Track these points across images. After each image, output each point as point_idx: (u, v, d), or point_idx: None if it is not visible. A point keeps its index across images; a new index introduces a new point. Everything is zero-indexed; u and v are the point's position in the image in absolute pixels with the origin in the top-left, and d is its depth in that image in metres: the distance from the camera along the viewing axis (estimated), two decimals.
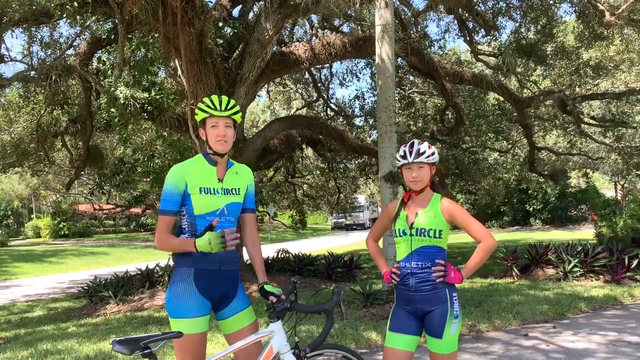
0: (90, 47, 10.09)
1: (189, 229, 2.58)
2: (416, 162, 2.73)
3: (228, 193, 2.62)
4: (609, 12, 9.73)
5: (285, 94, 19.03)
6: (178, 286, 2.53)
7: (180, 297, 2.50)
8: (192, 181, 2.55)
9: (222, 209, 2.58)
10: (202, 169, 2.61)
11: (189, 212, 2.57)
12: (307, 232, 35.40)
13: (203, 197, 2.55)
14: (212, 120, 2.57)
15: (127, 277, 9.70)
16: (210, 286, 2.55)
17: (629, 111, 14.82)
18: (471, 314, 6.23)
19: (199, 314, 2.50)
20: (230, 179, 2.67)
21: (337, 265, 10.59)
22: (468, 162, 14.94)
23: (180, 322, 2.47)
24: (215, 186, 2.59)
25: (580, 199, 29.44)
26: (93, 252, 23.35)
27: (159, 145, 12.33)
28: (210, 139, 2.58)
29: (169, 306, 2.52)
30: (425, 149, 2.74)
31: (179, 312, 2.49)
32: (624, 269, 8.36)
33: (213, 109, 2.55)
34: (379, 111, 7.44)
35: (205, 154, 2.67)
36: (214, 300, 2.59)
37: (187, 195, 2.55)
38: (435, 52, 13.01)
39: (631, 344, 4.99)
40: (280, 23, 8.66)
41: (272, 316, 2.50)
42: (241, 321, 2.64)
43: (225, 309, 2.63)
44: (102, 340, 5.85)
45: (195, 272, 2.53)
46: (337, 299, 2.54)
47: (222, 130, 2.57)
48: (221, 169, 2.65)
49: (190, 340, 2.47)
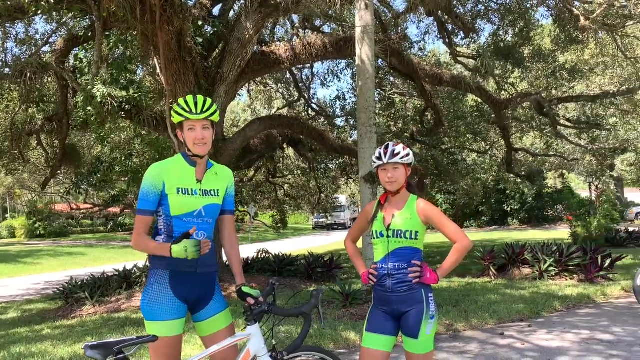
0: (67, 44, 9.91)
1: (165, 230, 2.54)
2: (391, 163, 2.76)
3: (206, 194, 2.59)
4: (584, 16, 9.94)
5: (266, 94, 18.99)
6: (153, 289, 2.49)
7: (156, 300, 2.46)
8: (170, 181, 2.51)
9: (199, 210, 2.55)
10: (181, 169, 2.57)
11: (165, 212, 2.53)
12: (288, 232, 35.33)
13: (180, 198, 2.51)
14: (189, 123, 2.52)
15: (104, 278, 9.55)
16: (186, 289, 2.52)
17: (603, 114, 15.17)
18: (449, 314, 6.30)
19: (174, 316, 2.46)
20: (210, 180, 2.63)
21: (318, 265, 10.60)
22: (447, 163, 15.13)
23: (156, 325, 2.44)
24: (193, 187, 2.55)
25: (556, 199, 29.99)
26: (70, 253, 22.94)
27: (137, 145, 12.20)
28: (189, 142, 2.54)
29: (144, 309, 2.49)
30: (400, 150, 2.76)
31: (154, 315, 2.45)
32: (597, 268, 8.55)
33: (189, 112, 2.49)
34: (359, 112, 7.47)
35: (184, 154, 2.62)
36: (190, 303, 2.56)
37: (165, 195, 2.51)
38: (415, 54, 13.12)
39: (603, 342, 5.11)
40: (260, 22, 8.64)
41: (249, 319, 2.49)
42: (218, 323, 2.62)
43: (202, 311, 2.61)
44: (77, 343, 5.76)
45: (171, 274, 2.50)
46: (315, 302, 2.54)
47: (200, 134, 2.52)
48: (200, 170, 2.61)
49: (165, 343, 2.44)
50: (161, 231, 2.56)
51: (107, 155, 12.39)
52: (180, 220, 2.51)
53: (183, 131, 2.55)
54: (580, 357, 4.63)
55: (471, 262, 10.66)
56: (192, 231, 2.40)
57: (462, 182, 17.89)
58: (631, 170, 31.24)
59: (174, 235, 2.51)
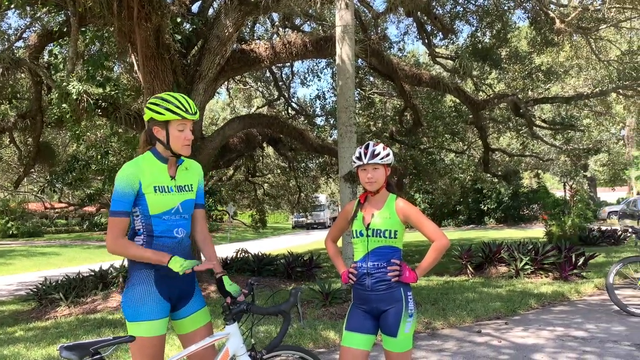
0: (41, 39, 9.70)
1: (144, 230, 2.49)
2: (371, 164, 2.76)
3: (182, 190, 2.56)
4: (559, 19, 10.13)
5: (246, 92, 18.89)
6: (137, 289, 2.45)
7: (140, 301, 2.43)
8: (146, 180, 2.46)
9: (177, 207, 2.52)
10: (154, 167, 2.52)
11: (143, 212, 2.48)
12: (267, 231, 35.19)
13: (158, 196, 2.47)
14: (181, 122, 2.47)
15: (80, 279, 9.37)
16: (170, 287, 2.50)
17: (577, 115, 15.49)
18: (427, 312, 6.36)
19: (159, 316, 2.44)
20: (182, 175, 2.60)
21: (297, 264, 10.58)
22: (425, 163, 15.26)
23: (141, 326, 2.40)
24: (169, 184, 2.52)
25: (531, 198, 30.51)
26: (43, 253, 22.44)
27: (113, 143, 12.00)
28: (176, 142, 2.48)
29: (128, 310, 2.43)
30: (380, 151, 2.77)
31: (139, 316, 2.41)
32: (571, 267, 8.73)
33: (184, 111, 2.44)
34: (339, 111, 7.49)
35: (154, 151, 2.55)
36: (172, 301, 2.55)
37: (141, 195, 2.46)
38: (394, 54, 13.20)
39: (577, 339, 5.22)
40: (240, 20, 8.58)
41: (228, 318, 2.48)
42: (197, 321, 2.61)
43: (182, 309, 2.59)
44: (51, 345, 5.64)
45: (156, 273, 2.46)
46: (295, 300, 2.54)
47: (189, 134, 2.51)
48: (172, 166, 2.58)
49: (151, 343, 2.41)
50: (140, 231, 2.51)
51: (82, 154, 12.15)
52: (160, 218, 2.48)
53: (168, 129, 2.47)
54: (555, 354, 4.72)
55: (449, 261, 10.77)
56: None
57: (440, 181, 18.08)
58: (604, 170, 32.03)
59: (154, 235, 2.48)
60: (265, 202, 21.81)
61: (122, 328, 6.44)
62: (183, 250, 2.55)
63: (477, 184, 28.03)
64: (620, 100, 14.95)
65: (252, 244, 21.93)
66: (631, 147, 32.25)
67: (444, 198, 22.67)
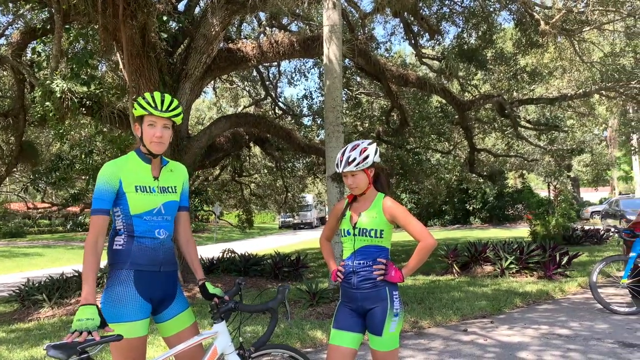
0: (24, 36, 9.54)
1: (125, 230, 2.47)
2: (346, 172, 2.77)
3: (165, 191, 2.55)
4: (544, 21, 10.25)
5: (232, 92, 18.80)
6: (116, 290, 2.41)
7: (119, 301, 2.39)
8: (127, 179, 2.45)
9: (159, 207, 2.50)
10: (137, 167, 2.51)
11: (124, 212, 2.46)
12: (254, 231, 35.09)
13: (140, 196, 2.45)
14: (150, 118, 2.47)
15: (63, 279, 9.24)
16: (151, 288, 2.47)
17: (561, 116, 15.68)
18: (414, 311, 6.38)
19: (139, 317, 2.40)
20: (166, 176, 2.59)
21: (284, 264, 10.56)
22: (412, 163, 15.34)
23: (120, 327, 2.35)
24: (151, 184, 2.51)
25: (516, 198, 30.85)
26: (26, 253, 22.12)
27: (98, 142, 11.86)
28: (146, 138, 2.48)
29: (106, 311, 2.39)
30: (356, 156, 2.74)
31: (118, 317, 2.37)
32: (555, 266, 8.83)
33: (153, 108, 2.44)
34: (326, 111, 7.48)
35: (138, 150, 2.56)
36: (154, 303, 2.51)
37: (122, 193, 2.44)
38: (381, 55, 13.26)
39: (561, 337, 5.28)
40: (227, 19, 8.54)
41: (215, 317, 2.47)
42: (181, 323, 2.58)
43: (165, 312, 2.56)
44: (34, 347, 5.55)
45: (136, 274, 2.44)
46: (282, 298, 2.54)
47: (159, 131, 2.47)
48: (156, 167, 2.57)
49: (131, 345, 2.37)
50: (121, 231, 2.48)
51: (66, 153, 11.99)
52: (141, 218, 2.46)
53: (142, 125, 2.49)
54: (540, 352, 4.77)
55: (435, 260, 10.84)
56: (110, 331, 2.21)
57: (427, 181, 18.18)
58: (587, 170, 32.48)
59: (135, 235, 2.45)
60: (252, 202, 21.75)
61: None
62: (165, 252, 2.53)
63: (463, 184, 28.23)
64: (603, 101, 15.18)
65: (238, 244, 21.85)
66: (613, 148, 32.78)
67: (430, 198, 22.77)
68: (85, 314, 2.17)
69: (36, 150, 12.57)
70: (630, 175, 33.36)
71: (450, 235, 22.81)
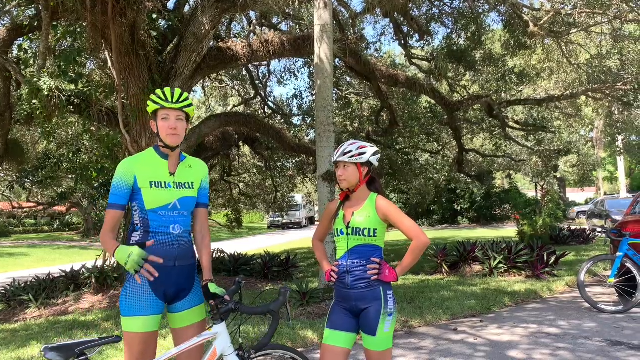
0: (10, 33, 9.39)
1: (141, 225, 2.52)
2: (340, 161, 2.80)
3: (181, 187, 2.58)
4: (533, 23, 10.34)
5: (222, 91, 18.71)
6: (132, 284, 2.47)
7: (133, 295, 2.45)
8: (142, 175, 2.50)
9: (174, 203, 2.54)
10: (153, 163, 2.57)
11: (140, 206, 2.51)
12: (242, 231, 34.93)
13: (154, 191, 2.49)
14: (163, 112, 2.53)
15: (50, 280, 9.12)
16: (165, 283, 2.50)
17: (548, 117, 15.84)
18: (404, 310, 6.41)
19: (151, 312, 2.45)
20: (183, 172, 2.63)
21: (274, 264, 10.54)
22: (401, 163, 15.40)
23: (132, 321, 2.42)
24: (166, 180, 2.55)
25: (503, 198, 31.13)
26: (11, 253, 21.81)
27: (86, 141, 11.73)
28: (161, 132, 2.54)
29: (122, 304, 2.47)
30: (352, 149, 2.79)
31: (130, 310, 2.44)
32: (543, 265, 8.92)
33: (164, 101, 2.52)
34: (317, 111, 7.48)
35: (156, 147, 2.62)
36: (168, 297, 2.55)
37: (138, 189, 2.50)
38: (371, 55, 13.27)
39: (550, 335, 5.33)
40: (217, 18, 8.49)
41: (215, 318, 2.46)
42: (192, 317, 2.61)
43: (179, 303, 2.59)
44: (21, 348, 5.48)
45: None
46: (284, 300, 2.53)
47: (173, 123, 2.53)
48: (173, 163, 2.61)
49: (141, 339, 2.42)
50: (138, 227, 2.53)
51: (53, 152, 11.84)
52: (156, 213, 2.49)
53: (157, 121, 2.56)
54: (529, 350, 4.81)
55: (424, 260, 10.88)
56: (149, 243, 2.37)
57: (415, 181, 18.27)
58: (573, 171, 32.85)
59: (150, 231, 2.48)
60: (241, 201, 21.66)
61: (96, 329, 6.31)
62: (182, 247, 2.55)
63: (451, 184, 28.43)
64: (590, 102, 15.36)
65: (227, 244, 21.74)
66: (599, 149, 33.22)
67: (419, 198, 22.89)
68: (124, 254, 2.30)
69: (22, 149, 12.39)
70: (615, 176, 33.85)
71: (439, 235, 22.93)
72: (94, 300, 8.32)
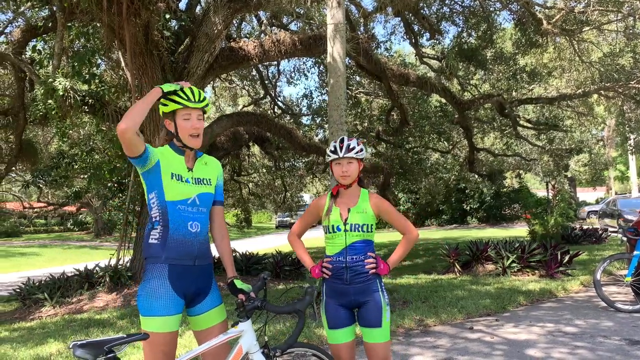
0: (25, 34, 9.50)
1: (160, 219, 2.47)
2: (346, 158, 2.80)
3: (199, 183, 2.55)
4: (546, 20, 10.27)
5: (232, 91, 18.77)
6: (151, 283, 2.42)
7: (153, 295, 2.40)
8: (164, 164, 2.47)
9: (193, 198, 2.50)
10: (172, 157, 2.53)
11: (159, 197, 2.46)
12: (251, 231, 35.08)
13: (174, 183, 2.46)
14: (185, 111, 2.47)
15: (64, 278, 9.20)
16: (185, 283, 2.47)
17: (560, 115, 15.74)
18: (418, 309, 6.39)
19: (172, 312, 2.41)
20: (200, 169, 2.60)
21: (285, 263, 10.55)
22: (411, 162, 15.36)
23: (152, 321, 2.37)
24: (185, 175, 2.52)
25: (513, 198, 30.93)
26: (23, 253, 22.02)
27: (98, 141, 11.82)
28: (183, 132, 2.48)
29: (141, 304, 2.42)
30: (355, 145, 2.83)
31: (150, 310, 2.39)
32: (557, 264, 8.85)
33: (187, 100, 2.46)
34: (330, 110, 7.47)
35: (172, 144, 2.57)
36: (188, 298, 2.51)
37: (159, 175, 2.44)
38: (382, 54, 13.26)
39: (567, 334, 5.29)
40: (229, 18, 8.53)
41: (241, 315, 2.44)
42: (213, 319, 2.58)
43: (198, 305, 2.56)
44: (39, 345, 5.52)
45: (170, 268, 2.44)
46: (310, 299, 2.52)
47: (196, 123, 2.49)
48: (189, 159, 2.58)
49: (161, 340, 2.38)
50: (156, 222, 2.48)
51: (66, 151, 11.94)
52: (175, 206, 2.45)
53: (176, 120, 2.49)
54: (548, 349, 4.78)
55: (436, 259, 10.86)
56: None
57: (425, 181, 18.22)
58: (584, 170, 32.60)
59: (169, 227, 2.44)
60: (250, 201, 21.72)
61: (111, 328, 6.35)
62: (200, 245, 2.52)
63: (461, 184, 28.29)
64: (602, 101, 15.25)
65: (237, 244, 21.78)
66: (611, 148, 32.94)
67: (429, 197, 22.83)
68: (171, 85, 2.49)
69: (35, 149, 12.52)
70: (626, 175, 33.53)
71: (449, 235, 22.85)
72: (108, 298, 8.37)
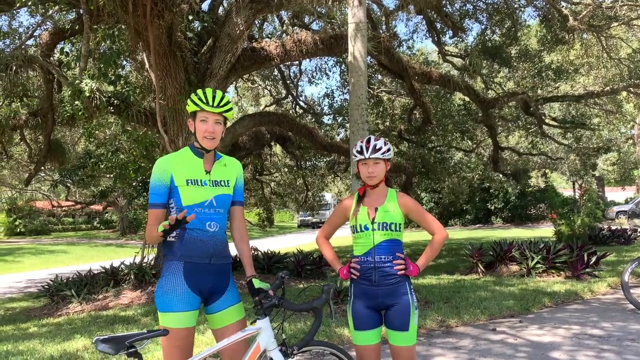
0: (53, 37, 9.73)
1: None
2: (372, 158, 2.77)
3: (217, 185, 2.59)
4: (572, 17, 10.07)
5: (254, 90, 18.90)
6: (167, 280, 2.49)
7: (169, 291, 2.46)
8: (178, 174, 2.53)
9: (210, 200, 2.55)
10: (189, 161, 2.58)
11: (177, 203, 2.53)
12: (273, 230, 35.24)
13: (191, 189, 2.51)
14: (203, 114, 2.53)
15: (91, 276, 9.41)
16: (200, 280, 2.51)
17: (587, 113, 15.40)
18: (440, 310, 6.33)
19: (187, 308, 2.46)
20: (219, 170, 2.64)
21: (307, 262, 10.58)
22: (434, 161, 15.22)
23: (168, 316, 2.43)
24: (202, 178, 2.56)
25: (539, 198, 30.38)
26: (51, 250, 22.56)
27: (123, 141, 12.04)
28: (198, 134, 2.55)
29: (158, 300, 2.49)
30: (382, 145, 2.79)
31: (167, 306, 2.45)
32: (584, 265, 8.67)
33: (204, 103, 2.51)
34: (351, 109, 7.45)
35: (192, 145, 2.64)
36: (204, 295, 2.55)
37: (175, 188, 2.52)
38: (404, 52, 13.18)
39: (594, 337, 5.18)
40: (251, 18, 8.59)
41: (259, 313, 2.47)
42: (230, 317, 2.61)
43: (215, 303, 2.60)
44: (66, 341, 5.66)
45: (185, 265, 2.49)
46: (327, 297, 2.53)
47: (211, 127, 2.54)
48: (208, 161, 2.63)
49: (178, 335, 2.44)
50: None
51: (92, 151, 12.21)
52: (192, 210, 2.50)
53: (195, 121, 2.56)
54: (573, 352, 4.69)
55: (459, 260, 10.74)
56: (190, 219, 2.33)
57: (448, 180, 18.04)
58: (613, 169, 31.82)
59: (187, 227, 2.49)
60: (272, 200, 21.83)
61: (136, 324, 6.46)
62: (217, 244, 2.56)
63: (485, 183, 27.91)
64: (631, 98, 14.86)
65: (258, 243, 21.93)
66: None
67: (452, 197, 22.58)
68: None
69: (64, 149, 12.82)
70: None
71: (472, 235, 22.58)
72: (133, 296, 8.52)
